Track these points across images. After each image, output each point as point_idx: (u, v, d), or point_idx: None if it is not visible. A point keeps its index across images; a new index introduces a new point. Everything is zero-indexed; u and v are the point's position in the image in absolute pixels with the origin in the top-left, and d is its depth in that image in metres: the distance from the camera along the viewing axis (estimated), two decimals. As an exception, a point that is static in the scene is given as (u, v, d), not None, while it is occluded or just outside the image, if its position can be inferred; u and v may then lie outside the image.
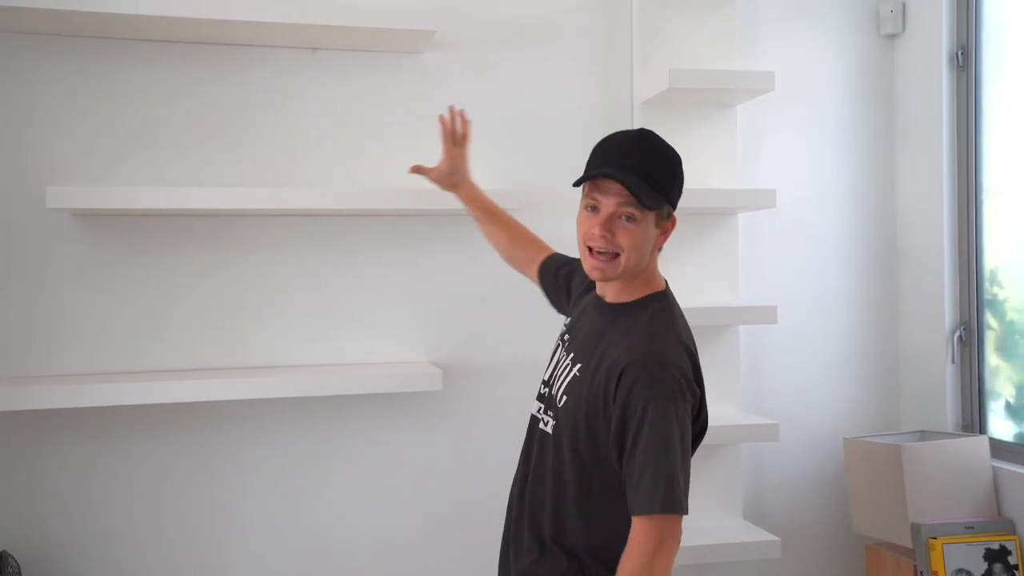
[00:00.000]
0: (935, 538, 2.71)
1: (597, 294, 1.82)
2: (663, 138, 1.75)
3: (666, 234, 1.75)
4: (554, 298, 2.14)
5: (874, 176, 3.20)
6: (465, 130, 2.34)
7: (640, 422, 1.59)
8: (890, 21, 3.14)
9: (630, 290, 1.75)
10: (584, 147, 1.76)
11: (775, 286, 3.08)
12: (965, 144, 3.01)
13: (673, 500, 1.57)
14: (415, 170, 2.32)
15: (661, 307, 1.74)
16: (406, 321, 2.76)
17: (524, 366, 2.58)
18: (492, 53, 2.82)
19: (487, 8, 2.82)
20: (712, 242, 2.95)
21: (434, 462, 2.78)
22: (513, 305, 2.77)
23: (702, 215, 2.93)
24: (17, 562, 2.41)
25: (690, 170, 2.89)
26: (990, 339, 3.00)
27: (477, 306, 2.79)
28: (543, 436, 1.79)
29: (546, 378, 1.85)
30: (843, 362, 3.17)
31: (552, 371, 1.83)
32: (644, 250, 1.70)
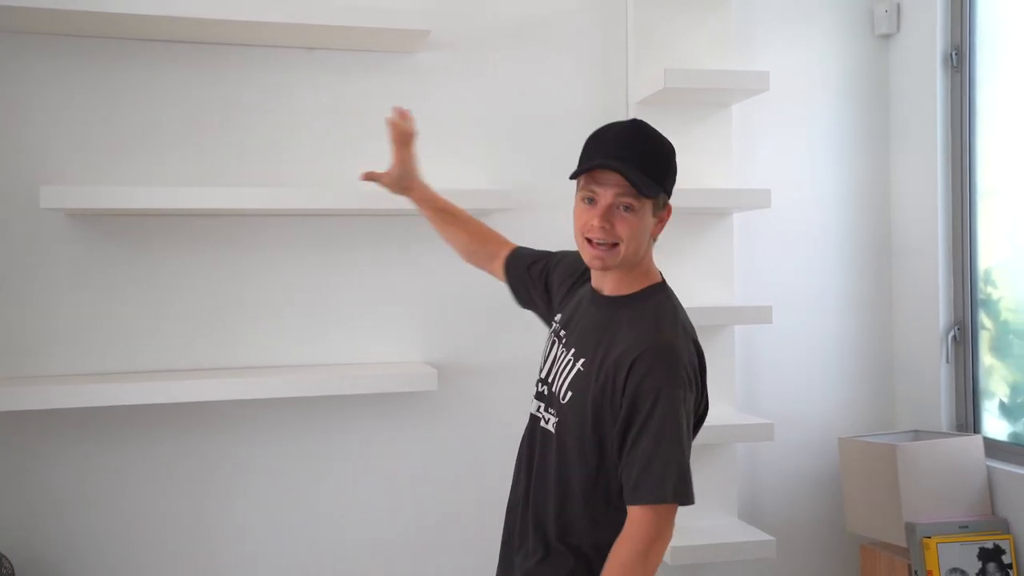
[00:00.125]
0: (929, 537, 2.71)
1: (593, 287, 1.80)
2: (656, 128, 1.75)
3: (662, 223, 1.74)
4: (522, 294, 2.09)
5: (868, 176, 3.20)
6: (412, 130, 2.19)
7: (650, 412, 1.59)
8: (884, 21, 3.15)
9: (628, 282, 1.75)
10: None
11: (770, 286, 3.08)
12: (959, 144, 3.01)
13: (686, 490, 1.58)
14: (366, 177, 2.19)
15: (663, 299, 1.75)
16: (402, 321, 2.76)
17: (519, 366, 2.57)
18: (487, 53, 2.82)
19: (482, 8, 2.82)
20: (707, 242, 2.96)
21: (430, 462, 2.78)
22: (509, 305, 2.75)
23: (697, 215, 2.94)
24: (11, 563, 2.41)
25: (685, 170, 2.90)
26: (984, 339, 3.01)
27: (473, 306, 2.79)
28: (545, 435, 1.77)
29: (543, 376, 1.83)
30: (838, 362, 3.18)
31: (550, 368, 1.81)
32: (642, 239, 1.71)
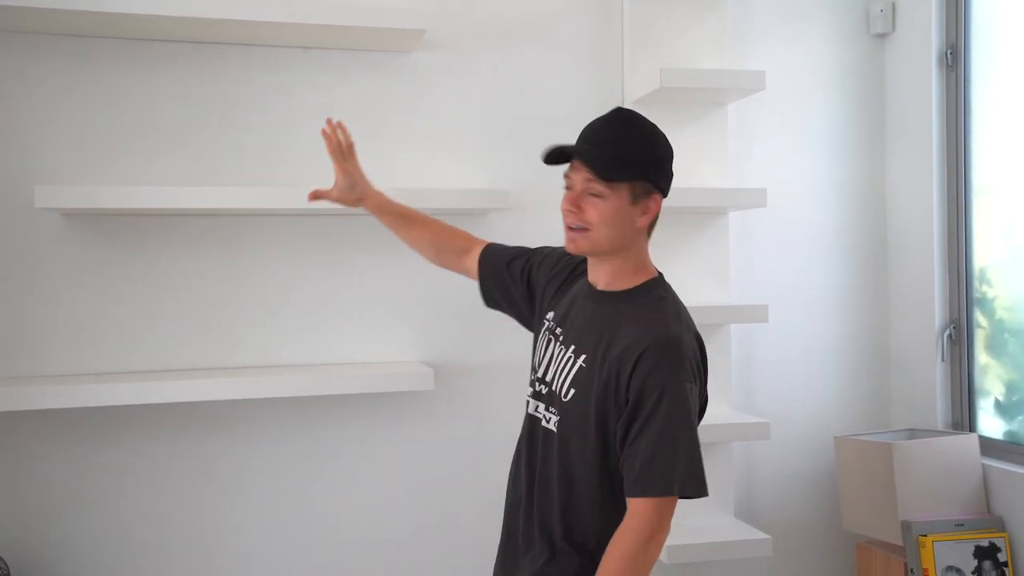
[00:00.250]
0: (925, 536, 2.71)
1: (589, 282, 1.79)
2: (644, 118, 1.75)
3: (649, 214, 1.71)
4: (492, 292, 2.05)
5: (864, 175, 3.21)
6: (348, 140, 2.11)
7: (655, 406, 1.58)
8: (880, 20, 3.15)
9: (624, 276, 1.74)
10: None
11: (766, 285, 3.08)
12: (955, 143, 3.02)
13: (697, 482, 1.58)
14: (314, 196, 2.12)
15: (663, 292, 1.75)
16: (398, 321, 2.76)
17: (516, 365, 2.57)
18: (482, 52, 2.82)
19: (478, 8, 2.82)
20: (703, 241, 2.96)
21: (426, 461, 2.78)
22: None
23: (694, 214, 2.94)
24: (6, 563, 2.40)
25: (681, 169, 2.90)
26: (980, 337, 3.01)
27: (469, 306, 2.77)
28: (547, 434, 1.75)
29: (540, 375, 1.81)
30: (834, 360, 3.18)
31: (547, 366, 1.80)
32: (618, 226, 1.69)
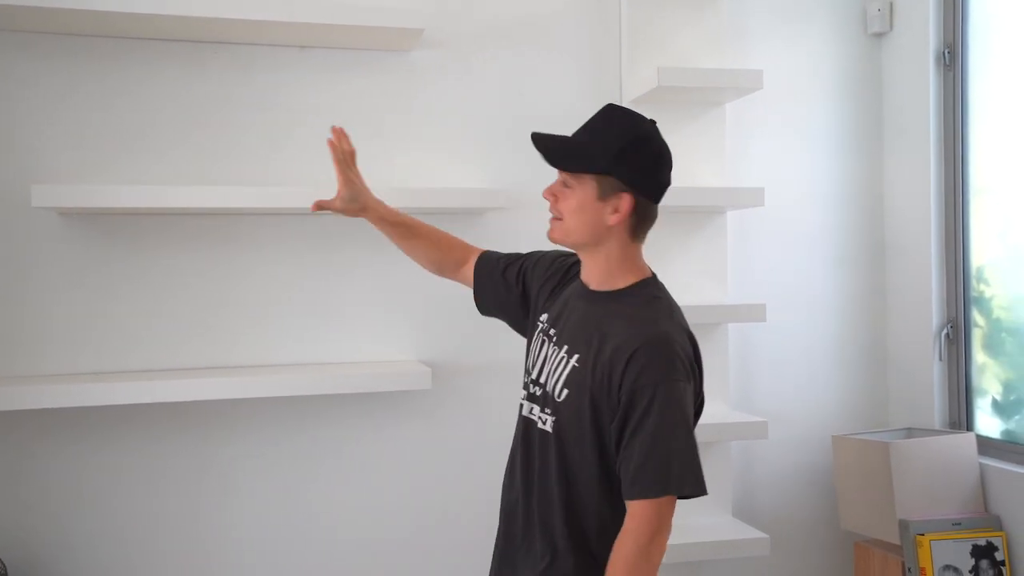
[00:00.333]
0: (923, 535, 2.72)
1: (582, 282, 1.79)
2: (629, 112, 1.76)
3: (619, 214, 1.70)
4: (488, 299, 2.07)
5: (862, 174, 3.21)
6: (350, 148, 2.09)
7: (648, 406, 1.58)
8: (877, 20, 3.16)
9: (614, 276, 1.74)
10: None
11: (764, 284, 3.08)
12: (952, 142, 3.02)
13: (695, 481, 1.58)
14: (317, 206, 2.08)
15: (655, 292, 1.75)
16: (396, 320, 2.76)
17: (514, 365, 2.55)
18: (480, 51, 2.82)
19: (475, 7, 2.82)
20: (701, 240, 2.96)
21: (423, 461, 2.77)
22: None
23: (691, 213, 2.94)
24: (4, 563, 2.40)
25: (679, 168, 2.91)
26: (977, 336, 3.02)
27: (467, 305, 2.75)
28: (543, 436, 1.74)
29: (535, 377, 1.81)
30: (831, 360, 3.18)
31: (541, 367, 1.79)
32: (584, 219, 1.70)
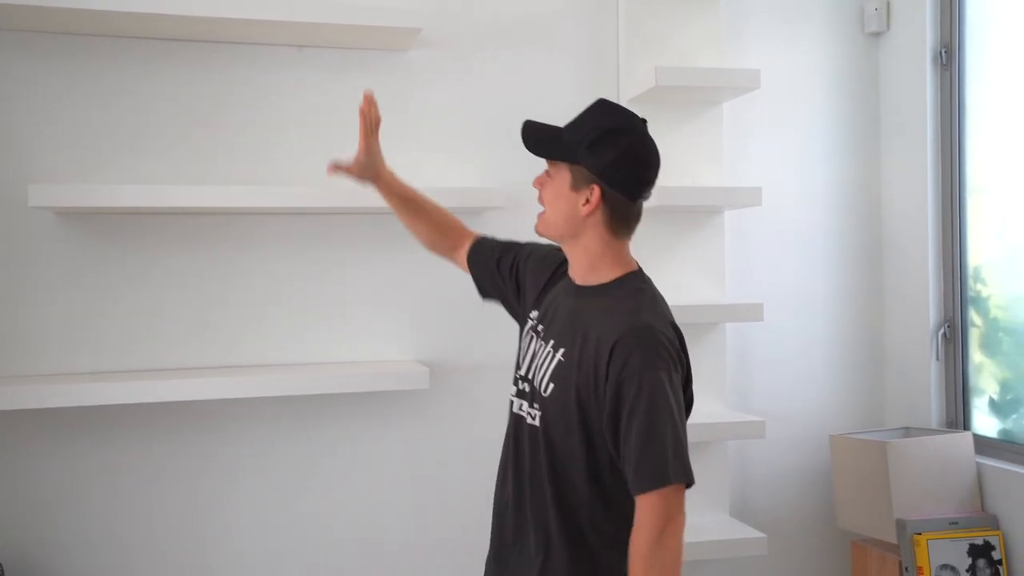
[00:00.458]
0: (920, 534, 2.72)
1: (569, 277, 1.80)
2: (618, 107, 1.75)
3: (591, 206, 1.69)
4: (486, 286, 2.06)
5: (859, 174, 3.21)
6: (378, 116, 2.07)
7: (636, 397, 1.58)
8: (875, 19, 3.16)
9: (598, 271, 1.74)
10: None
11: (761, 284, 3.08)
12: (949, 142, 3.02)
13: (684, 470, 1.57)
14: (333, 169, 2.08)
15: (640, 284, 1.75)
16: (394, 319, 2.76)
17: (510, 365, 2.56)
18: (478, 51, 2.82)
19: (473, 6, 2.81)
20: (698, 240, 2.96)
21: (421, 460, 2.77)
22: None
23: (689, 213, 2.94)
24: (0, 564, 2.40)
25: (677, 168, 2.93)
26: (974, 336, 3.02)
27: (464, 304, 2.78)
28: (532, 432, 1.74)
29: (523, 373, 1.81)
30: (829, 359, 3.18)
31: (529, 364, 1.80)
32: (559, 209, 1.72)
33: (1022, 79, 2.85)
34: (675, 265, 2.91)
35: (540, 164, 1.81)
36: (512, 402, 1.84)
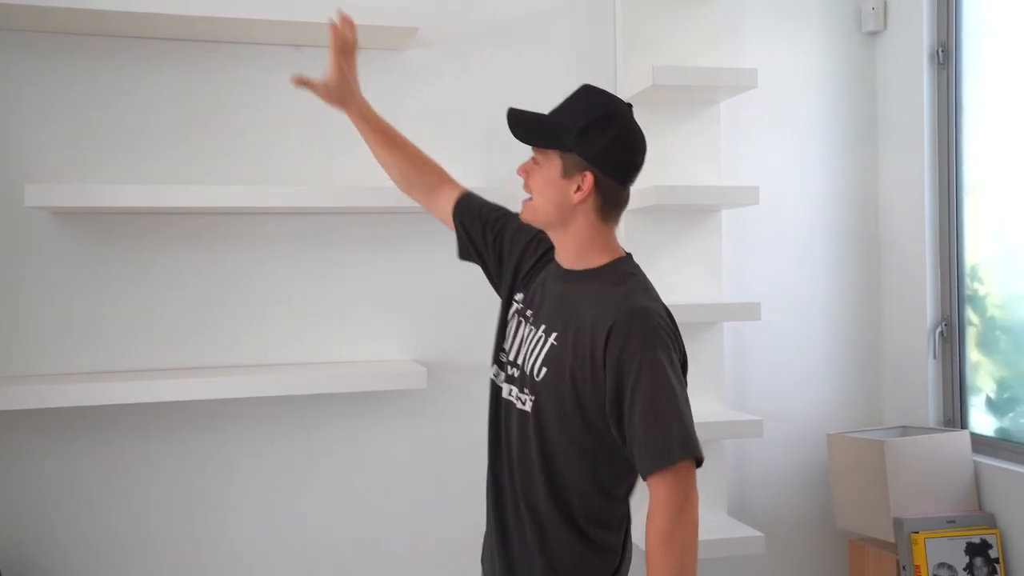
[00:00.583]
0: (917, 533, 2.72)
1: (557, 262, 1.80)
2: (603, 93, 1.74)
3: (583, 194, 1.69)
4: (468, 248, 2.02)
5: (856, 173, 3.21)
6: (354, 38, 2.04)
7: (637, 379, 1.58)
8: (872, 19, 3.16)
9: (588, 256, 1.74)
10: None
11: (759, 283, 3.09)
12: (946, 141, 3.03)
13: (694, 446, 1.59)
14: (298, 81, 2.01)
15: (631, 270, 1.76)
16: (391, 319, 2.76)
17: (509, 363, 2.58)
18: (475, 50, 2.82)
19: (470, 6, 2.81)
20: (696, 238, 2.96)
21: (419, 460, 2.77)
22: (497, 302, 2.77)
23: (686, 212, 2.94)
24: (-2, 563, 2.40)
25: (674, 167, 2.93)
26: (971, 335, 3.02)
27: (461, 304, 2.79)
28: (521, 416, 1.74)
29: (512, 358, 1.80)
30: (826, 358, 3.19)
31: (518, 348, 1.79)
32: (550, 196, 1.71)
33: (1019, 78, 2.85)
34: (672, 264, 2.91)
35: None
36: (501, 387, 1.82)
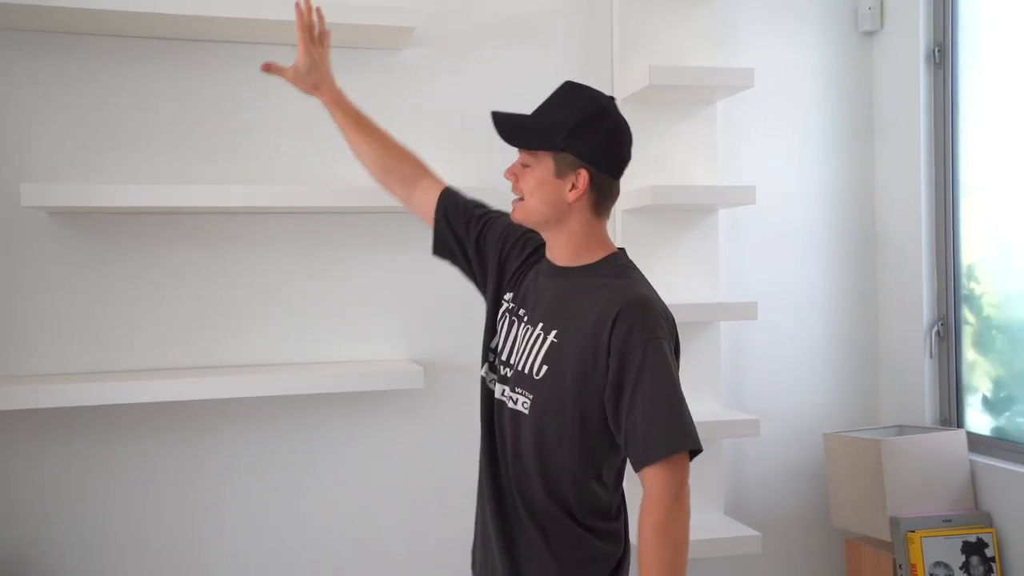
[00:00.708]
0: (913, 531, 2.73)
1: (548, 260, 1.79)
2: (587, 88, 1.74)
3: (578, 192, 1.69)
4: (451, 242, 1.96)
5: (853, 172, 3.22)
6: (323, 27, 2.00)
7: (640, 368, 1.58)
8: (868, 18, 3.16)
9: (582, 253, 1.74)
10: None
11: (755, 282, 3.09)
12: (942, 140, 3.03)
13: (691, 436, 1.59)
14: (266, 67, 1.98)
15: (627, 263, 1.77)
16: (388, 319, 2.75)
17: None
18: (472, 50, 2.82)
19: (467, 6, 2.81)
20: (693, 238, 2.96)
21: (416, 460, 2.77)
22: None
23: (683, 211, 2.94)
24: (-5, 564, 2.40)
25: (671, 167, 2.94)
26: (967, 334, 3.03)
27: (458, 304, 2.78)
28: (515, 416, 1.73)
29: (504, 358, 1.79)
30: (823, 357, 3.19)
31: (511, 348, 1.78)
32: (543, 197, 1.71)
33: (1015, 77, 2.86)
34: (669, 264, 2.91)
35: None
36: (494, 389, 1.81)
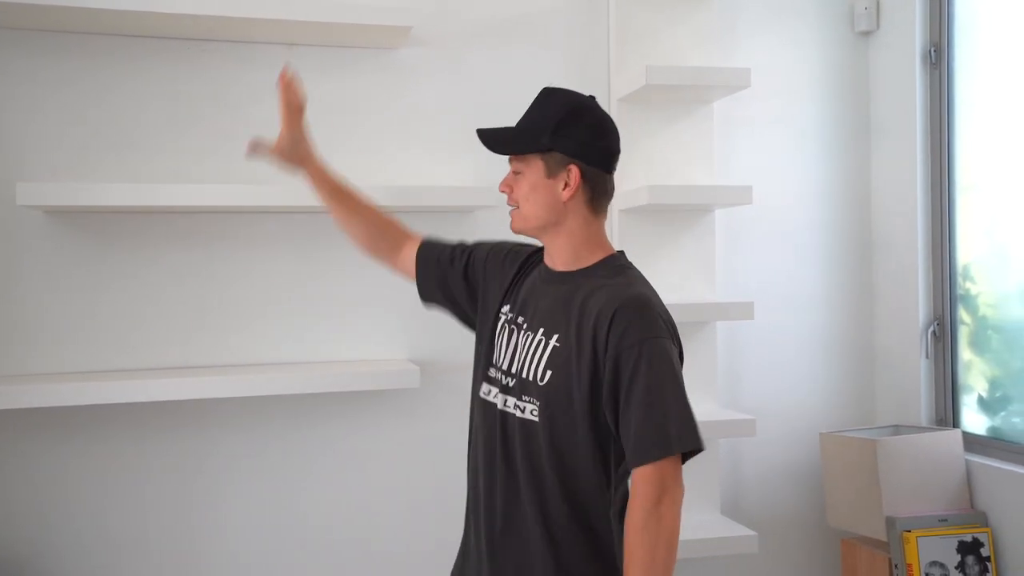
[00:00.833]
0: (909, 531, 2.73)
1: (546, 266, 1.80)
2: (565, 90, 1.77)
3: (571, 189, 1.71)
4: (431, 287, 1.99)
5: (849, 172, 3.22)
6: (298, 100, 1.99)
7: (635, 367, 1.57)
8: (864, 18, 3.17)
9: (580, 256, 1.75)
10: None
11: (752, 282, 3.09)
12: (938, 141, 3.03)
13: (693, 437, 1.58)
14: (252, 146, 1.99)
15: (626, 264, 1.77)
16: (385, 318, 2.75)
17: (502, 363, 2.57)
18: (468, 50, 2.81)
19: (464, 5, 2.81)
20: (689, 238, 2.96)
21: (413, 460, 2.77)
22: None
23: (679, 211, 2.94)
24: (-10, 563, 2.39)
25: (668, 167, 2.94)
26: (963, 334, 3.03)
27: (455, 303, 2.79)
28: (525, 425, 1.70)
29: (505, 368, 1.77)
30: (819, 357, 3.19)
31: (511, 357, 1.76)
32: (538, 200, 1.73)
33: (1011, 77, 2.86)
34: (666, 264, 2.92)
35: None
36: (495, 402, 1.79)
